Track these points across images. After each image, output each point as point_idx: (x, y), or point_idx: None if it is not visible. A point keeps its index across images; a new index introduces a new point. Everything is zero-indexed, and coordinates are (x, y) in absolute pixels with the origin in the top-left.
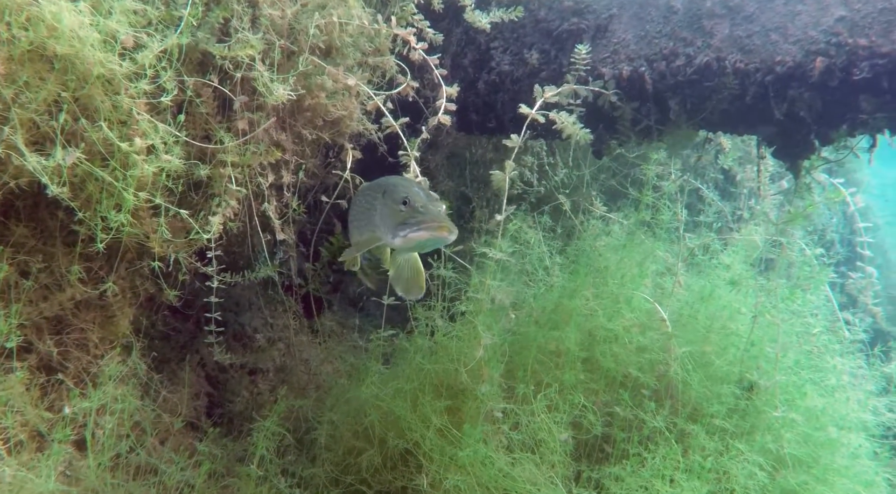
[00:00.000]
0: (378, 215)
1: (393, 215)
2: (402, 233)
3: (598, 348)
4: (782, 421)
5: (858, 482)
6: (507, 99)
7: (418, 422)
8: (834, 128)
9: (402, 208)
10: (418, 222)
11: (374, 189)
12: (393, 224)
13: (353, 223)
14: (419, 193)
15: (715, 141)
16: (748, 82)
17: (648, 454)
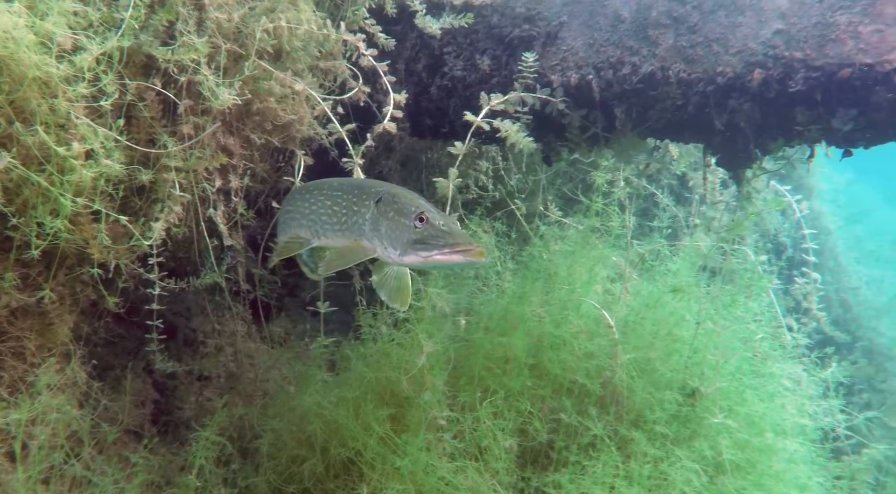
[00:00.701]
0: (370, 226)
1: (402, 231)
2: (422, 253)
3: (545, 354)
4: (721, 428)
5: (794, 486)
6: (460, 104)
7: (360, 430)
8: (772, 138)
9: (417, 224)
10: (449, 245)
11: (351, 192)
12: (404, 241)
13: (300, 222)
14: (431, 206)
15: (663, 148)
16: (690, 92)
17: (589, 461)
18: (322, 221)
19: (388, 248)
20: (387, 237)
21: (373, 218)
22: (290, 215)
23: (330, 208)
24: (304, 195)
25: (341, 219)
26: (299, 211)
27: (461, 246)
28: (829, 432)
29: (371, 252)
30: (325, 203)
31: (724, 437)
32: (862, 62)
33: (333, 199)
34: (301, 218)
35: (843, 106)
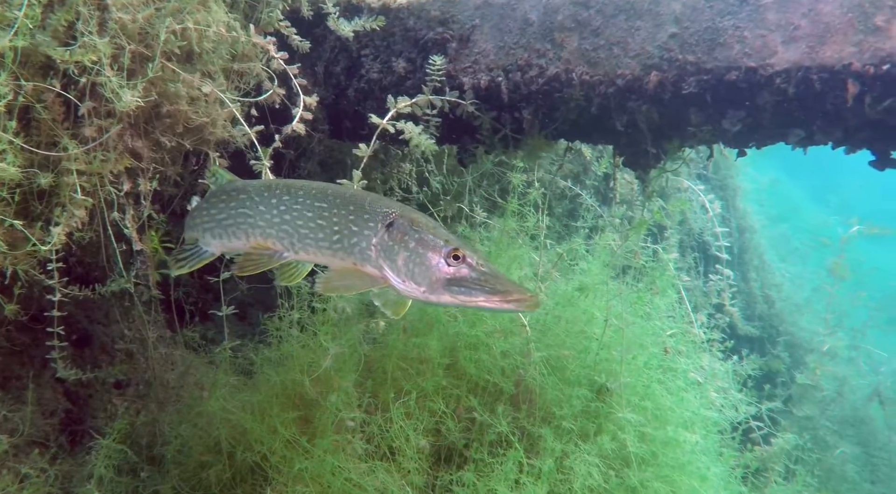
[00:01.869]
0: (380, 253)
1: (431, 268)
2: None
3: (461, 354)
4: (627, 422)
5: (696, 476)
6: (376, 106)
7: (267, 434)
8: (668, 139)
9: (450, 262)
10: (498, 293)
11: (342, 206)
12: (433, 279)
13: (265, 230)
14: (457, 239)
15: (576, 150)
16: (593, 94)
17: (496, 458)
18: (301, 234)
19: (408, 281)
20: (406, 271)
21: (383, 245)
22: (241, 218)
23: (312, 221)
24: (265, 197)
25: (331, 237)
26: (261, 216)
27: (513, 295)
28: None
29: (379, 281)
30: (304, 214)
31: (630, 431)
32: (747, 65)
33: (316, 211)
34: (265, 225)
35: (732, 107)
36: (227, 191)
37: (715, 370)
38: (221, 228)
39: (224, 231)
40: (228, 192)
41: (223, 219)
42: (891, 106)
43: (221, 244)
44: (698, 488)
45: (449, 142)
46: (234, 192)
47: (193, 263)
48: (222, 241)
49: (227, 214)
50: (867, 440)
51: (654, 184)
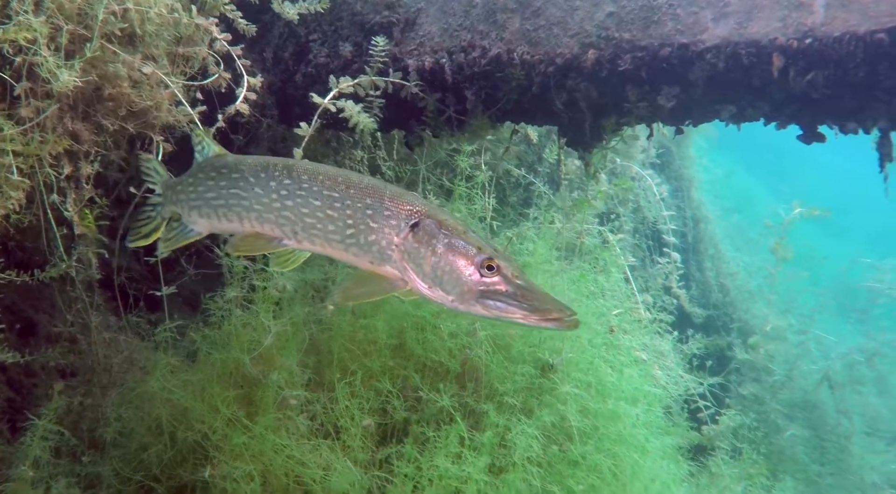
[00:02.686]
0: (404, 256)
1: (463, 277)
2: (495, 310)
3: (408, 335)
4: (570, 397)
5: (636, 449)
6: (323, 91)
7: (208, 413)
8: (607, 117)
9: (484, 273)
10: (538, 311)
11: (358, 198)
12: (465, 289)
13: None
14: (490, 246)
15: (522, 133)
16: (534, 73)
17: (440, 433)
18: (306, 223)
19: (435, 288)
20: (434, 277)
21: (408, 247)
22: (234, 199)
23: (321, 211)
24: (261, 179)
25: (344, 231)
26: (257, 199)
27: (553, 313)
28: (687, 402)
29: (400, 285)
30: (311, 202)
31: (572, 405)
32: (680, 42)
33: (325, 200)
34: (262, 209)
35: (667, 83)
36: (217, 167)
37: (661, 349)
38: (210, 208)
39: (213, 212)
40: (218, 168)
41: (212, 198)
42: (813, 79)
43: (210, 225)
44: (639, 460)
45: (397, 125)
46: (224, 169)
47: (178, 241)
48: (211, 221)
49: (216, 193)
50: (818, 423)
51: (597, 164)
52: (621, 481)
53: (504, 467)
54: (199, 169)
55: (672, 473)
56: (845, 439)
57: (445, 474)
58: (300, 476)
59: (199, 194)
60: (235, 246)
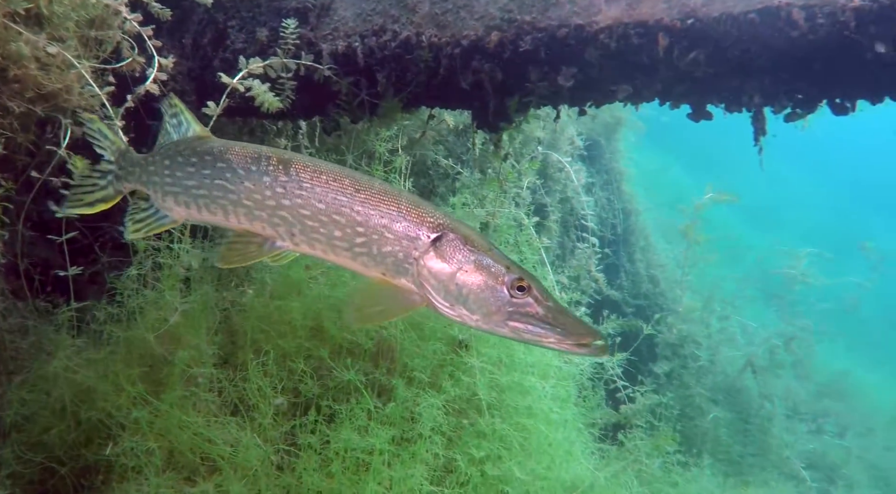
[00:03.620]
0: (423, 271)
1: (492, 298)
2: (525, 334)
3: (324, 315)
4: (479, 371)
5: (543, 421)
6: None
7: (112, 391)
8: (511, 97)
9: (515, 294)
10: (571, 335)
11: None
12: (493, 309)
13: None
14: (518, 265)
15: (455, 124)
16: (441, 55)
17: (346, 407)
18: (306, 226)
19: (458, 307)
20: (458, 295)
21: (430, 263)
22: (219, 191)
23: (325, 215)
24: (253, 173)
25: (353, 238)
26: (248, 194)
27: (586, 338)
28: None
29: (417, 300)
30: (313, 205)
31: (481, 379)
32: (576, 23)
33: (332, 204)
34: (253, 206)
35: (565, 64)
36: (199, 153)
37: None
38: (190, 197)
39: (194, 202)
40: (201, 154)
41: (193, 187)
42: (696, 58)
43: (188, 214)
44: (545, 431)
45: (315, 111)
46: (208, 157)
47: (151, 228)
48: (189, 211)
49: (198, 182)
50: (741, 406)
51: (507, 146)
52: (527, 451)
53: (412, 439)
54: (178, 151)
55: (581, 445)
56: (767, 421)
57: (352, 446)
58: (207, 453)
59: (178, 180)
60: (225, 258)
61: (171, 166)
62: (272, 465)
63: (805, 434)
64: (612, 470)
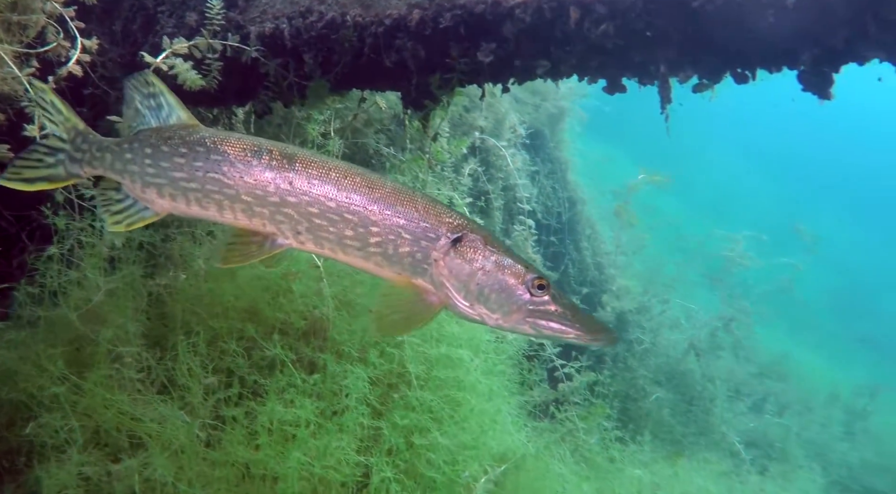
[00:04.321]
0: (443, 271)
1: (513, 297)
2: (546, 330)
3: (258, 296)
4: (409, 345)
5: (471, 391)
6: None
7: (34, 372)
8: (433, 74)
9: (535, 292)
10: (589, 331)
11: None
12: (514, 308)
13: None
14: (535, 266)
15: (371, 100)
16: (366, 34)
17: (272, 380)
18: (315, 225)
19: (478, 306)
20: (479, 295)
21: (450, 263)
22: (214, 185)
23: (336, 213)
24: (253, 167)
25: (366, 238)
26: (249, 190)
27: (601, 332)
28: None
29: (435, 302)
30: (324, 203)
31: (411, 353)
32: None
33: (344, 204)
34: (254, 203)
35: (484, 40)
36: (189, 143)
37: None
38: (178, 190)
39: (182, 195)
40: (191, 144)
41: (182, 180)
42: (606, 30)
43: (173, 207)
44: (473, 402)
45: (246, 95)
46: (200, 147)
47: (133, 220)
48: (176, 204)
49: (188, 174)
50: (685, 388)
51: (435, 126)
52: (456, 422)
53: (340, 411)
54: (162, 139)
55: (514, 418)
56: (709, 401)
57: (278, 418)
58: (133, 431)
59: (163, 171)
60: (226, 259)
61: (154, 155)
62: (200, 441)
63: (746, 413)
64: (544, 442)
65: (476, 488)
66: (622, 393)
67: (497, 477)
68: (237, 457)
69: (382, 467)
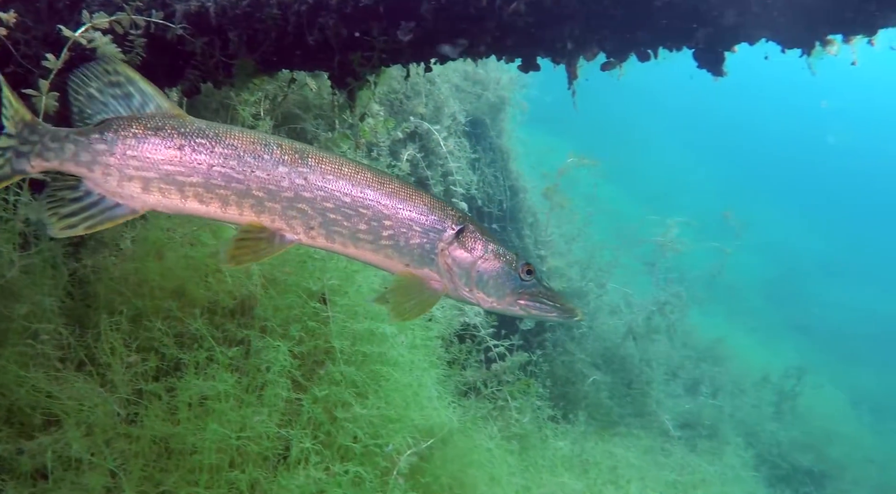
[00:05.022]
0: (447, 260)
1: (509, 280)
2: (531, 309)
3: (185, 275)
4: (334, 321)
5: (392, 365)
6: None
7: None
8: (354, 52)
9: (524, 276)
10: (563, 310)
11: (398, 198)
12: (509, 291)
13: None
14: (522, 253)
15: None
16: (289, 13)
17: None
18: (329, 219)
19: (476, 290)
20: (478, 281)
21: (454, 252)
22: (218, 178)
23: (351, 208)
24: (266, 161)
25: (379, 231)
26: (259, 183)
27: (575, 310)
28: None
29: (439, 288)
30: (338, 198)
31: (333, 327)
32: None
33: (357, 198)
34: (266, 198)
35: (404, 18)
36: (186, 134)
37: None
38: (172, 184)
39: (178, 190)
40: (188, 136)
41: (180, 174)
42: (517, 8)
43: (161, 203)
44: (394, 374)
45: (175, 74)
46: (200, 139)
47: (97, 221)
48: (167, 200)
49: (188, 168)
50: (624, 372)
51: (362, 106)
52: (379, 396)
53: (263, 385)
54: (149, 129)
55: (442, 394)
56: (646, 384)
57: (198, 392)
58: (50, 409)
59: (152, 164)
60: (235, 257)
61: (141, 146)
62: (120, 418)
63: (682, 395)
64: (472, 418)
65: (399, 460)
66: (562, 377)
67: (423, 451)
68: (156, 432)
69: (302, 438)
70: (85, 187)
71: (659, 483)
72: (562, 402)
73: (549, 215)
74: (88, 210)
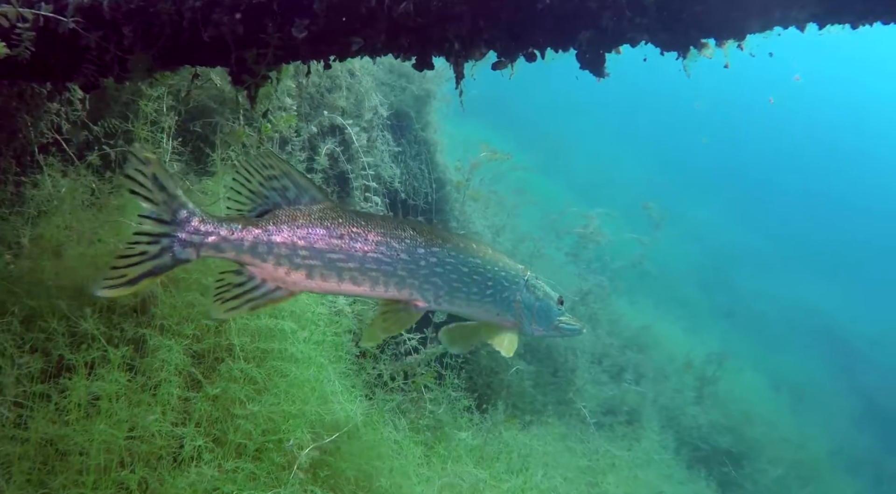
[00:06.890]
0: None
1: (553, 313)
2: (558, 333)
3: (82, 274)
4: (232, 319)
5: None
6: None
7: None
8: (249, 49)
9: (560, 308)
10: (577, 330)
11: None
12: (553, 320)
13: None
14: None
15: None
16: (184, 8)
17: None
18: (453, 287)
19: (534, 325)
20: (536, 318)
21: (525, 299)
22: (371, 263)
23: (468, 276)
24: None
25: (484, 291)
26: (404, 266)
27: (581, 327)
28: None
29: (513, 329)
30: (460, 270)
31: (233, 326)
32: None
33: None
34: (407, 276)
35: (298, 16)
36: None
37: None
38: (332, 270)
39: (336, 274)
40: (346, 227)
41: (340, 261)
42: (406, 9)
43: (320, 287)
44: (293, 368)
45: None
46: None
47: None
48: (325, 284)
49: (346, 256)
50: (550, 361)
51: (263, 102)
52: (280, 391)
53: (158, 384)
54: (314, 220)
55: (348, 388)
56: (571, 372)
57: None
58: None
59: (318, 253)
60: (387, 329)
61: (310, 238)
62: (8, 421)
63: (607, 382)
64: (381, 412)
65: (300, 455)
66: (486, 367)
67: (326, 445)
68: (43, 434)
69: (195, 437)
70: (248, 273)
71: (570, 470)
72: (487, 392)
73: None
74: (251, 293)
